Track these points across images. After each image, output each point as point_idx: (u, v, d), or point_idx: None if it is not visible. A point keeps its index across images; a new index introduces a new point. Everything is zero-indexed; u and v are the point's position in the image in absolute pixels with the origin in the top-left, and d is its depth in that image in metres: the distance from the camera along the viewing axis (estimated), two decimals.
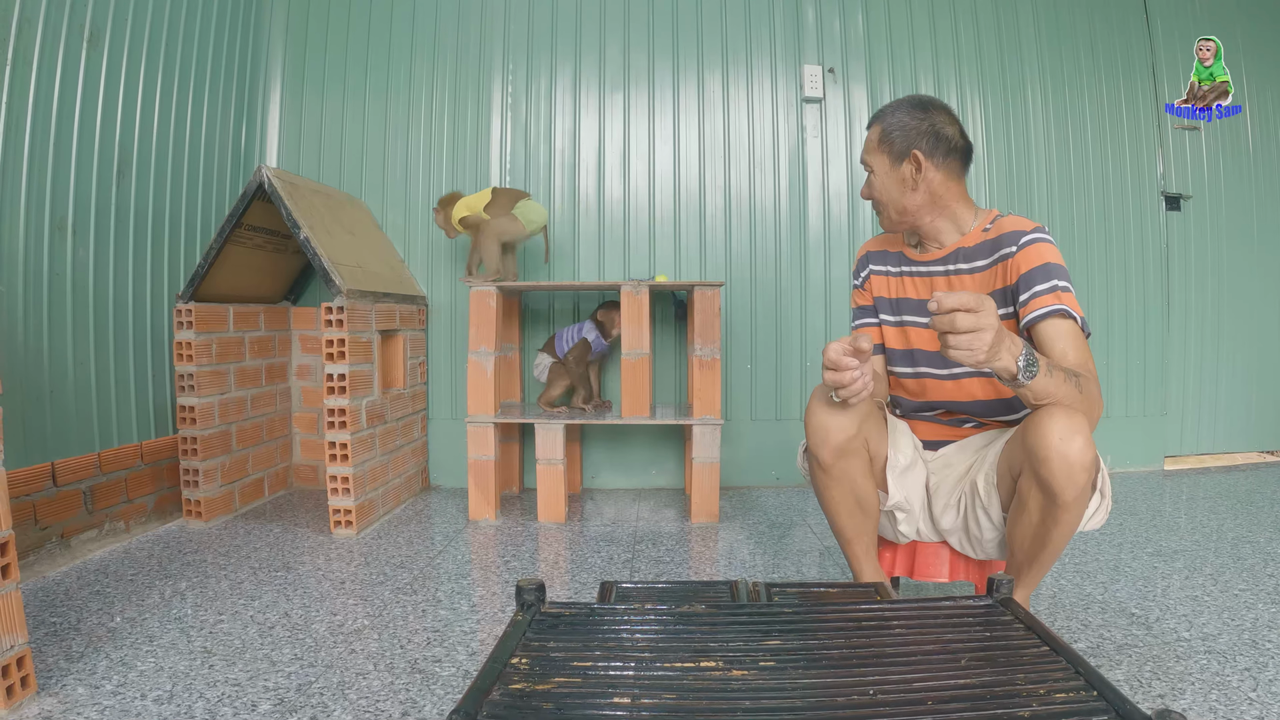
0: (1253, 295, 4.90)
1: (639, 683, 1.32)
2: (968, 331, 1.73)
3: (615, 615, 1.61)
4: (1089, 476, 1.91)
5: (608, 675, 1.35)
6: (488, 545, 3.33)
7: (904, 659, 1.42)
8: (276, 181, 3.39)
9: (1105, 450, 4.67)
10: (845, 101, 4.45)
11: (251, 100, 4.24)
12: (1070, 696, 1.24)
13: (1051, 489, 1.92)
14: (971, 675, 1.34)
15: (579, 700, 1.26)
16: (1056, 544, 2.05)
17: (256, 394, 3.91)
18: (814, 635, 1.52)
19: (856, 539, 2.36)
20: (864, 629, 1.56)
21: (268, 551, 3.19)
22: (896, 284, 2.44)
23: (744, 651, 1.44)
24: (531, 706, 1.23)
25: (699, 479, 3.68)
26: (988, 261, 2.24)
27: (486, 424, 3.68)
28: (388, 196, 4.36)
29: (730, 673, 1.36)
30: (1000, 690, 1.28)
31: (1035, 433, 1.92)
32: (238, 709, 1.89)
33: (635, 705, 1.24)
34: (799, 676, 1.34)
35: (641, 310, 3.66)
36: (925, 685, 1.31)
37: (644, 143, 4.41)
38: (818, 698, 1.27)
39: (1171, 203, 4.74)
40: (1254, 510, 3.80)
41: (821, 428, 2.18)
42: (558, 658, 1.41)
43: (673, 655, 1.42)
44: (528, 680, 1.32)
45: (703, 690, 1.30)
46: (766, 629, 1.54)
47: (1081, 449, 1.87)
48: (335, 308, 3.34)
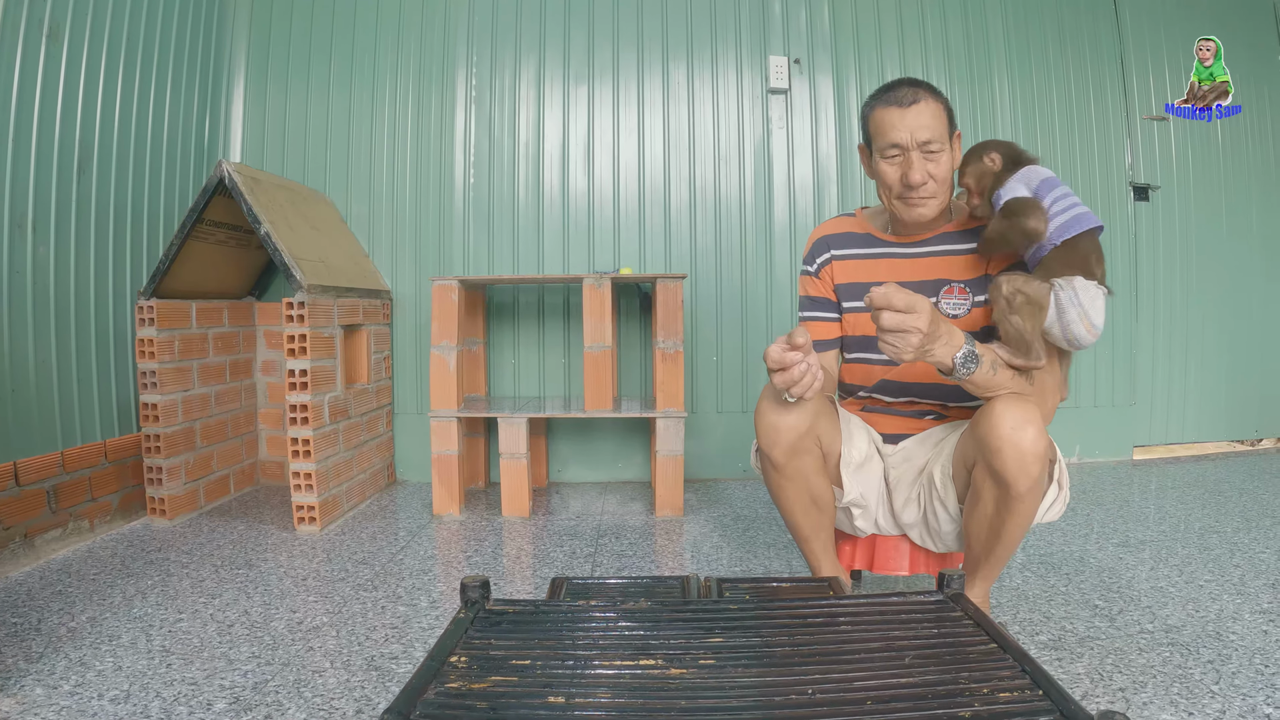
0: (1222, 285, 4.99)
1: (575, 682, 1.33)
2: (893, 330, 1.80)
3: (559, 613, 1.61)
4: (1042, 467, 1.93)
5: (545, 674, 1.35)
6: (451, 541, 3.38)
7: (847, 657, 1.42)
8: (237, 176, 3.42)
9: (1074, 440, 4.75)
10: (811, 93, 4.51)
11: (215, 94, 4.26)
12: (1014, 696, 1.25)
13: (1004, 480, 1.94)
14: (915, 673, 1.34)
15: (513, 700, 1.27)
16: (1012, 536, 2.07)
17: (220, 390, 3.95)
18: (758, 632, 1.52)
19: (813, 536, 2.36)
20: (810, 625, 1.56)
21: (230, 549, 3.22)
22: (869, 267, 2.40)
23: (685, 649, 1.44)
24: (465, 705, 1.24)
25: (663, 472, 3.75)
26: (971, 245, 2.28)
27: (449, 418, 3.73)
28: (352, 191, 4.40)
29: (669, 671, 1.36)
30: (943, 689, 1.28)
31: (987, 423, 1.94)
32: (193, 708, 1.91)
33: (568, 705, 1.24)
34: (739, 675, 1.34)
35: (604, 304, 3.72)
36: (866, 684, 1.31)
37: (608, 135, 4.47)
38: (755, 697, 1.27)
39: (1140, 193, 4.82)
40: (1222, 500, 3.86)
41: (772, 428, 2.16)
42: (497, 656, 1.41)
43: (613, 653, 1.43)
44: (464, 679, 1.32)
45: (639, 689, 1.30)
46: (710, 626, 1.54)
47: (1034, 439, 1.89)
48: (297, 303, 3.38)
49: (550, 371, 4.47)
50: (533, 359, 4.47)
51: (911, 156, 2.15)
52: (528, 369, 4.47)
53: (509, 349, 4.46)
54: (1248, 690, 1.97)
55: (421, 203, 4.41)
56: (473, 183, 4.40)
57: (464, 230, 4.41)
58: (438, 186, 4.40)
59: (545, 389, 4.48)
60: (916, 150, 2.15)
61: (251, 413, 4.23)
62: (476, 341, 4.28)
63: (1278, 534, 3.31)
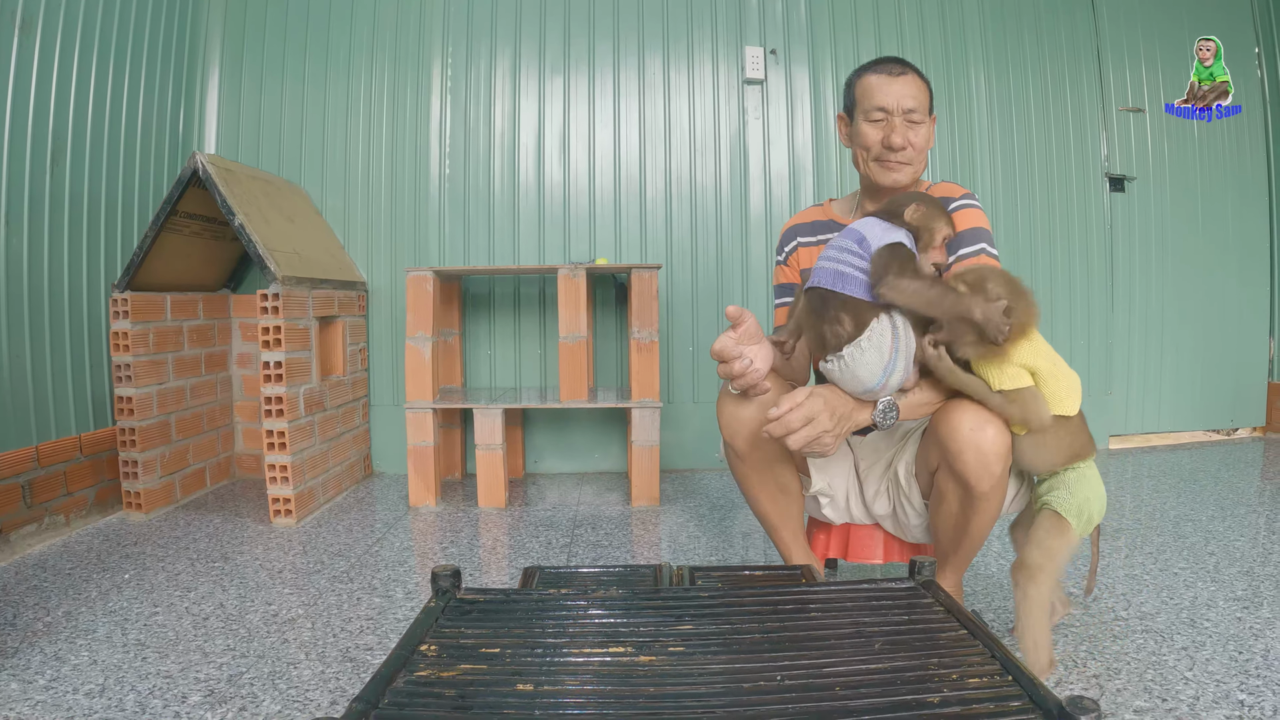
0: (1197, 276, 5.05)
1: (544, 669, 1.34)
2: (808, 444, 1.91)
3: (530, 601, 1.63)
4: (1004, 465, 1.95)
5: (514, 662, 1.37)
6: (427, 532, 3.41)
7: (817, 643, 1.43)
8: (211, 168, 3.43)
9: None
10: (787, 83, 4.55)
11: (190, 86, 4.27)
12: (984, 682, 1.26)
13: (966, 481, 1.96)
14: (884, 660, 1.36)
15: (482, 687, 1.29)
16: (978, 532, 2.10)
17: (196, 383, 3.96)
18: (728, 620, 1.54)
19: (782, 524, 2.39)
20: (780, 613, 1.58)
21: (206, 543, 3.23)
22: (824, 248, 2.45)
23: (654, 637, 1.46)
24: (434, 694, 1.26)
25: (639, 462, 3.79)
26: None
27: (425, 410, 3.77)
28: (327, 182, 4.42)
29: (638, 658, 1.38)
30: (912, 675, 1.30)
31: (946, 426, 1.97)
32: (168, 701, 1.93)
33: (536, 692, 1.26)
34: (707, 662, 1.36)
35: (579, 293, 3.76)
36: (835, 670, 1.33)
37: (584, 125, 4.51)
38: (723, 683, 1.29)
39: (1115, 184, 4.87)
40: (1197, 489, 3.91)
41: (733, 418, 2.20)
42: (467, 644, 1.43)
43: (583, 641, 1.45)
44: (434, 668, 1.34)
45: (607, 676, 1.32)
46: (680, 614, 1.56)
47: (994, 438, 1.91)
48: (271, 294, 3.41)
49: (526, 363, 4.51)
50: (509, 350, 4.50)
51: (894, 120, 2.24)
52: (504, 360, 4.51)
53: (485, 340, 4.50)
54: (1222, 677, 1.98)
55: (397, 194, 4.43)
56: (448, 174, 4.42)
57: (439, 221, 4.44)
58: (413, 178, 4.43)
59: (521, 380, 4.52)
60: (900, 116, 2.24)
61: (227, 406, 4.25)
62: (452, 333, 4.31)
63: (1252, 522, 3.35)
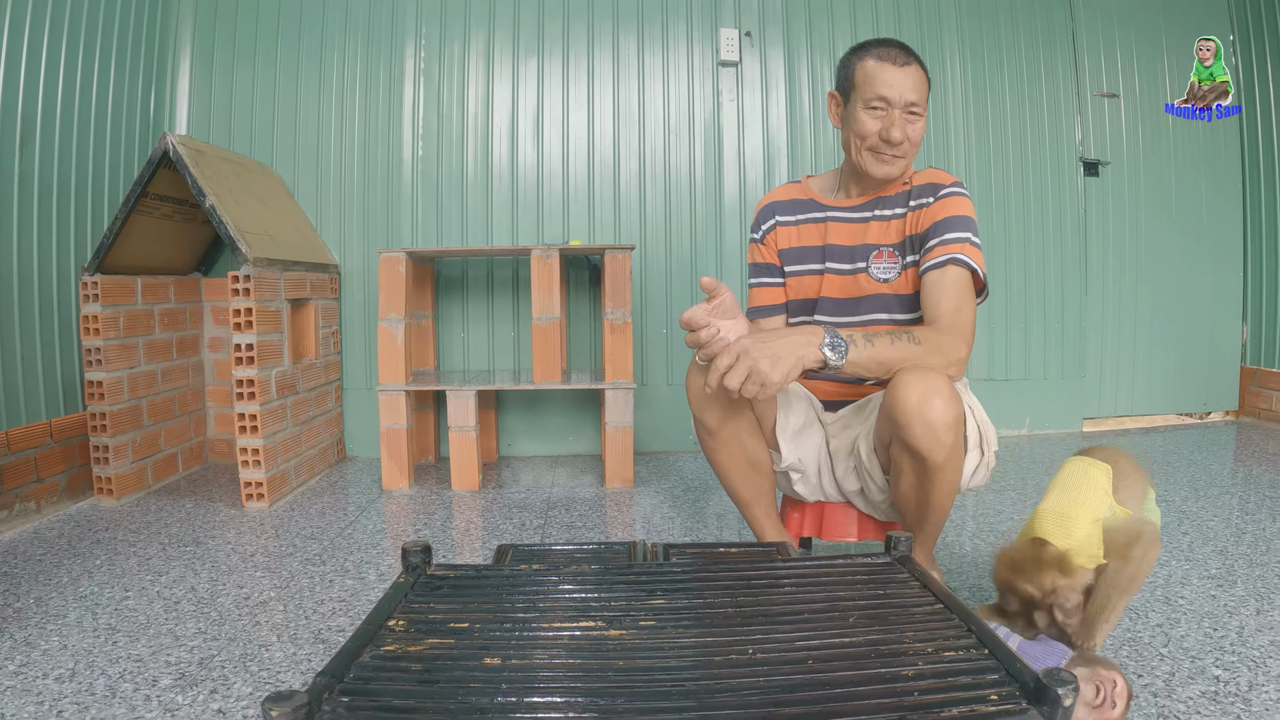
0: (1171, 260, 5.11)
1: (513, 644, 1.34)
2: (747, 379, 1.88)
3: (500, 577, 1.63)
4: (955, 434, 1.96)
5: (483, 637, 1.37)
6: (400, 514, 3.42)
7: (790, 617, 1.43)
8: (182, 149, 3.42)
9: (1024, 412, 4.83)
10: (762, 66, 4.57)
11: (160, 68, 4.24)
12: (959, 655, 1.26)
13: (919, 453, 1.98)
14: (859, 633, 1.36)
15: (449, 662, 1.28)
16: (940, 503, 2.12)
17: (167, 367, 3.95)
18: (700, 595, 1.54)
19: (754, 501, 2.41)
20: (753, 588, 1.58)
21: (178, 527, 3.22)
22: (811, 231, 2.45)
23: (626, 611, 1.46)
24: (400, 668, 1.26)
25: (612, 443, 3.81)
26: (903, 210, 2.33)
27: (398, 392, 3.78)
28: (299, 165, 4.41)
29: (608, 632, 1.38)
30: (886, 648, 1.30)
31: (893, 399, 1.98)
32: (138, 684, 1.93)
33: (504, 665, 1.26)
34: (679, 635, 1.36)
35: (552, 275, 3.78)
36: (808, 644, 1.32)
37: (558, 107, 4.51)
38: (694, 656, 1.28)
39: (1090, 168, 4.91)
40: (1171, 470, 3.96)
41: (702, 393, 2.21)
42: (436, 620, 1.43)
43: (553, 616, 1.44)
44: (401, 642, 1.34)
45: (576, 650, 1.31)
46: (652, 588, 1.56)
47: (942, 409, 1.92)
48: (242, 276, 3.40)
49: (500, 345, 4.52)
50: (482, 333, 4.51)
51: (895, 114, 2.20)
52: (477, 343, 4.51)
53: (458, 323, 4.50)
54: (1197, 653, 2.01)
55: (369, 177, 4.42)
56: (421, 155, 4.42)
57: (412, 204, 4.44)
58: (386, 160, 4.42)
59: (495, 362, 4.53)
60: (901, 109, 2.21)
61: (199, 390, 4.23)
62: (425, 315, 4.32)
63: (1225, 503, 3.40)
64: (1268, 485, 3.63)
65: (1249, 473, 3.90)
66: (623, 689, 1.19)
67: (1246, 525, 3.06)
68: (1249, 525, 3.06)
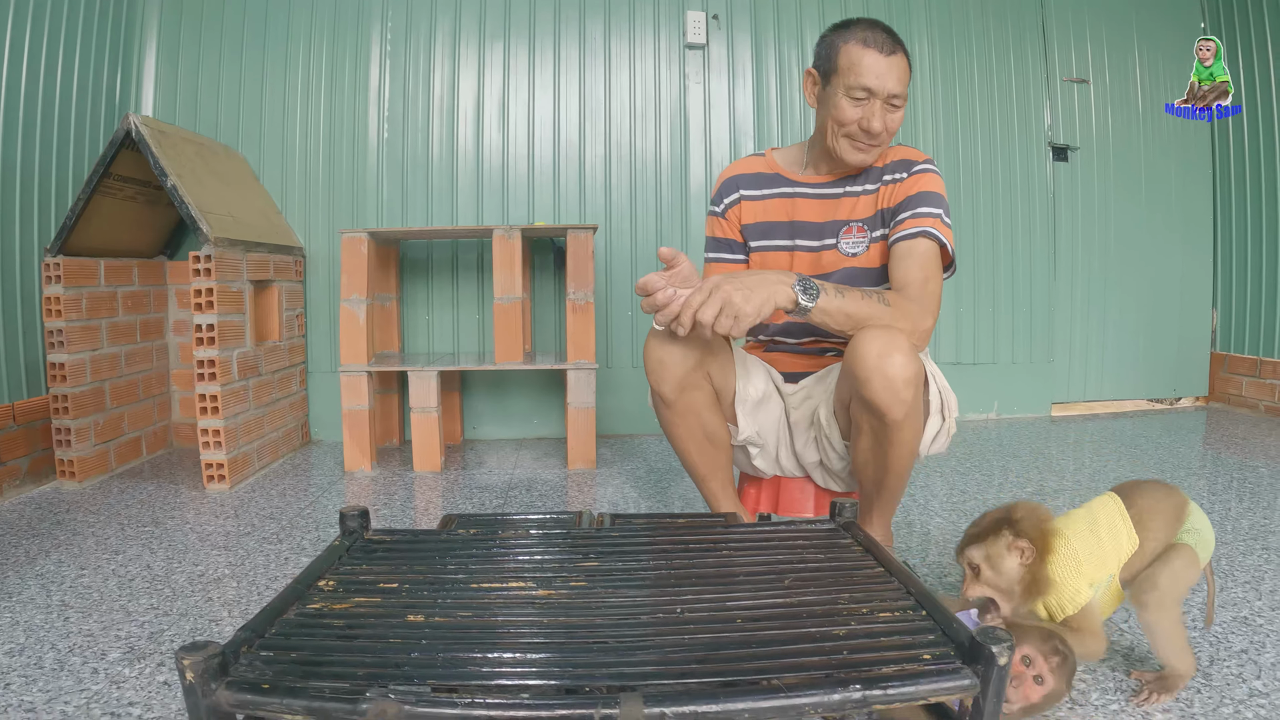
0: (1141, 246, 5.13)
1: (439, 602, 1.36)
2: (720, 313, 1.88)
3: (437, 541, 1.65)
4: (913, 392, 1.96)
5: (410, 596, 1.39)
6: (360, 495, 3.43)
7: (725, 580, 1.46)
8: (144, 129, 3.40)
9: (992, 397, 4.86)
10: (729, 49, 4.58)
11: (127, 49, 4.23)
12: (895, 615, 1.28)
13: (878, 409, 1.97)
14: (793, 594, 1.38)
15: (372, 619, 1.30)
16: (898, 467, 2.11)
17: (131, 350, 3.93)
18: (636, 558, 1.55)
19: (711, 475, 2.40)
20: (690, 552, 1.59)
21: (139, 508, 3.22)
22: (778, 207, 2.44)
23: (559, 573, 1.48)
24: (322, 625, 1.28)
25: (575, 424, 3.82)
26: (875, 185, 2.33)
27: (359, 373, 3.79)
28: (265, 148, 4.40)
29: (536, 592, 1.39)
30: (820, 609, 1.32)
31: (854, 355, 1.97)
32: (87, 658, 1.93)
33: (426, 623, 1.28)
34: (607, 595, 1.38)
35: (514, 255, 3.78)
36: (740, 604, 1.34)
37: (524, 89, 4.52)
38: (620, 615, 1.30)
39: (1059, 153, 4.93)
40: (1138, 453, 3.99)
41: (659, 363, 2.18)
42: (366, 580, 1.45)
43: (483, 577, 1.46)
44: (327, 601, 1.36)
45: (502, 608, 1.33)
46: (588, 552, 1.58)
47: (902, 364, 1.92)
48: (203, 256, 3.39)
49: (465, 328, 4.53)
50: (447, 316, 4.52)
51: (876, 105, 2.18)
52: (442, 326, 4.52)
53: (423, 306, 4.52)
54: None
55: (334, 160, 4.43)
56: (386, 139, 4.42)
57: (377, 187, 4.44)
58: (351, 143, 4.43)
59: (460, 345, 4.54)
60: (884, 100, 2.18)
61: (164, 374, 4.22)
62: (389, 298, 4.32)
63: (1191, 484, 3.41)
64: (1235, 468, 3.65)
65: (1217, 456, 3.92)
66: (540, 644, 1.21)
67: (1213, 506, 3.07)
68: (1215, 505, 3.07)
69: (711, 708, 1.01)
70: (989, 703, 1.09)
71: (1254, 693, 1.70)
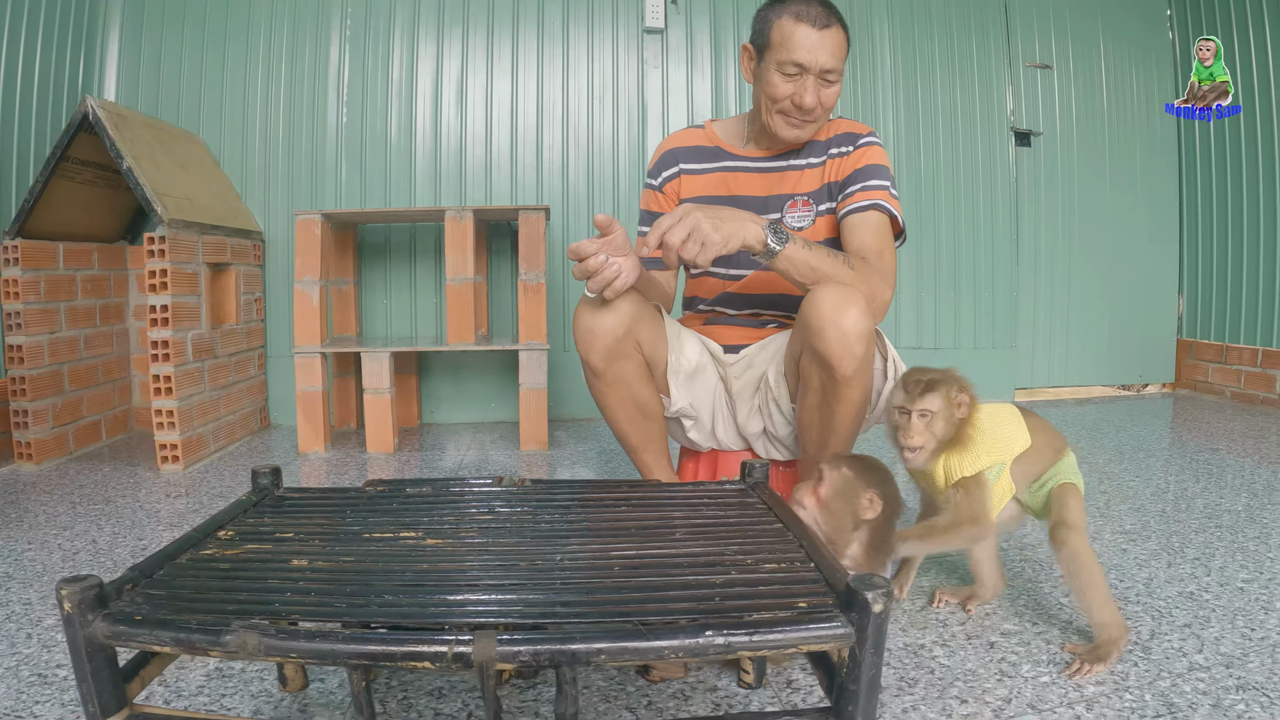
0: (1105, 232, 5.18)
1: (326, 549, 1.39)
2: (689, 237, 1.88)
3: (344, 497, 1.68)
4: (864, 348, 1.95)
5: (301, 544, 1.42)
6: (312, 476, 3.47)
7: (614, 533, 1.47)
8: (101, 111, 3.43)
9: None
10: (687, 33, 4.62)
11: (90, 35, 4.24)
12: (781, 567, 1.29)
13: (829, 362, 1.96)
14: (680, 546, 1.39)
15: (257, 563, 1.33)
16: (844, 427, 2.09)
17: (90, 334, 3.95)
18: (533, 512, 1.57)
19: (644, 446, 2.39)
20: (588, 507, 1.62)
21: (92, 488, 3.25)
22: (717, 181, 2.43)
23: (454, 525, 1.50)
24: (209, 568, 1.31)
25: (527, 405, 3.86)
26: (820, 159, 2.35)
27: (313, 354, 3.82)
28: (225, 132, 4.43)
29: (425, 542, 1.42)
30: (704, 560, 1.33)
31: (809, 306, 1.98)
32: (22, 624, 1.96)
33: (309, 567, 1.31)
34: (493, 545, 1.40)
35: (466, 236, 3.82)
36: (623, 554, 1.36)
37: (482, 73, 4.55)
38: (499, 564, 1.32)
39: (1021, 139, 4.95)
40: (1098, 437, 4.03)
41: (588, 331, 2.17)
42: (265, 531, 1.49)
43: (378, 528, 1.49)
44: (220, 547, 1.40)
45: (386, 556, 1.35)
46: (487, 507, 1.60)
47: (856, 319, 1.92)
48: (158, 238, 3.41)
49: (423, 312, 4.57)
50: (405, 300, 4.56)
51: (809, 80, 2.17)
52: (400, 310, 4.56)
53: (381, 290, 4.55)
54: None
55: (294, 144, 4.46)
56: (345, 122, 4.45)
57: (336, 170, 4.47)
58: (310, 127, 4.46)
59: (417, 329, 4.58)
60: (816, 75, 2.17)
61: (124, 358, 4.24)
62: (346, 282, 4.36)
63: (1149, 465, 3.45)
64: (1195, 450, 3.69)
65: (1178, 439, 3.96)
66: (412, 587, 1.24)
67: (1169, 485, 3.11)
68: (1171, 485, 3.11)
69: (566, 647, 1.03)
70: (867, 653, 1.06)
71: (1194, 666, 1.70)
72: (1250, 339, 4.80)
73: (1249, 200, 4.78)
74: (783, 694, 1.59)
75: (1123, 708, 1.53)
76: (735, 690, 1.60)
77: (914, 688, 1.61)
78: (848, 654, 1.08)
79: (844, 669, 1.09)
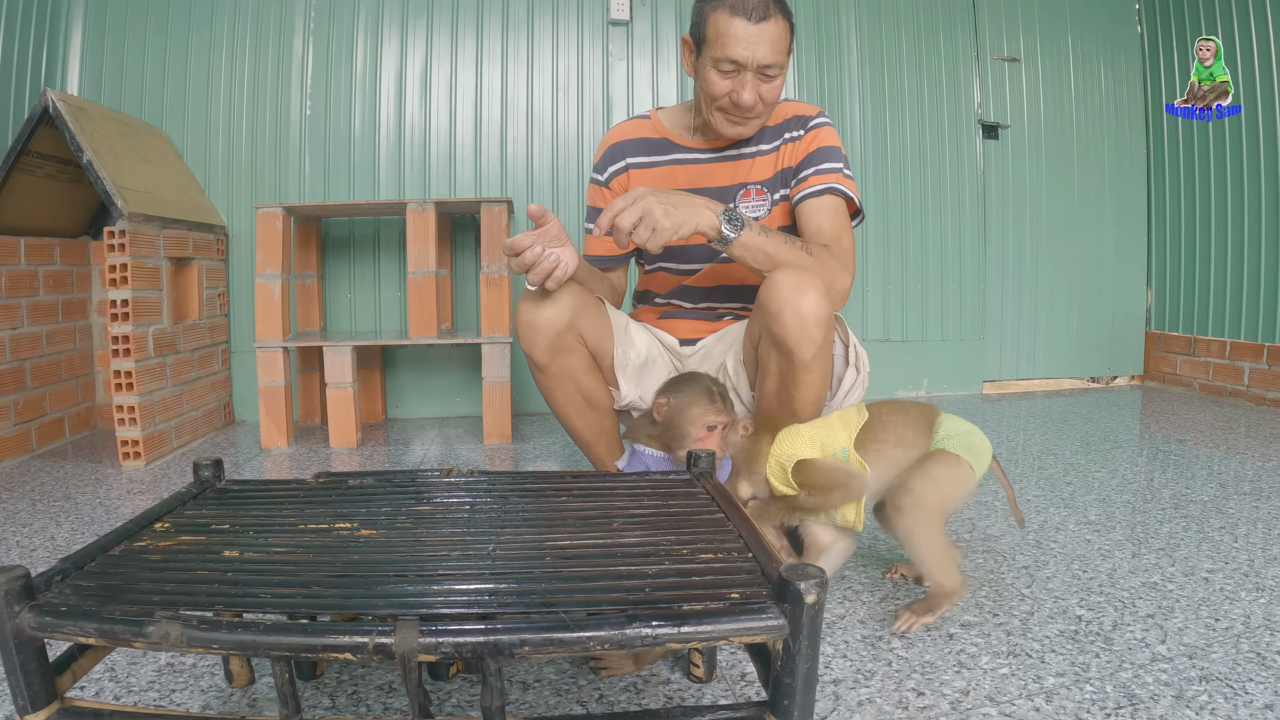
0: (1074, 224, 5.23)
1: (259, 540, 1.39)
2: (641, 221, 1.88)
3: (285, 490, 1.69)
4: (823, 332, 1.94)
5: (235, 535, 1.42)
6: (274, 471, 3.48)
7: (552, 522, 1.48)
8: (61, 104, 3.43)
9: (922, 373, 4.93)
10: (653, 25, 4.65)
11: (53, 27, 4.24)
12: (717, 557, 1.29)
13: (787, 345, 1.95)
14: (616, 536, 1.40)
15: (189, 554, 1.34)
16: (802, 415, 2.05)
17: (53, 330, 3.94)
18: (470, 503, 1.58)
19: (595, 440, 2.41)
20: (528, 496, 1.63)
21: (53, 485, 3.25)
22: (667, 175, 2.41)
23: (390, 515, 1.51)
24: (140, 560, 1.32)
25: (489, 399, 3.89)
26: (772, 145, 2.34)
27: (275, 349, 3.83)
28: (188, 126, 4.43)
29: (359, 532, 1.43)
30: (639, 550, 1.33)
31: (768, 290, 1.97)
32: None
33: (240, 558, 1.32)
34: (426, 535, 1.41)
35: (428, 229, 3.84)
36: (555, 544, 1.36)
37: (446, 66, 4.55)
38: (430, 553, 1.33)
39: (989, 131, 4.98)
40: (1065, 429, 4.06)
41: (529, 326, 2.15)
42: (201, 522, 1.49)
43: (314, 518, 1.50)
44: (154, 539, 1.40)
45: (318, 547, 1.36)
46: (425, 498, 1.61)
47: (815, 303, 1.91)
48: (118, 231, 3.42)
49: (387, 306, 4.58)
50: (369, 294, 4.57)
51: (747, 77, 2.12)
52: (364, 304, 4.57)
53: (345, 284, 4.56)
54: (1061, 593, 2.03)
55: (257, 137, 4.46)
56: (309, 115, 4.46)
57: (300, 163, 4.48)
58: (274, 120, 4.46)
59: (381, 324, 4.59)
60: (755, 71, 2.12)
61: (88, 355, 4.23)
62: (310, 276, 4.36)
63: (1116, 456, 3.47)
64: (1162, 442, 3.72)
65: (1146, 431, 4.00)
66: (339, 578, 1.25)
67: (1136, 476, 3.13)
68: (1138, 476, 3.13)
69: (489, 639, 1.03)
70: (801, 646, 1.05)
71: (1156, 657, 1.70)
72: (1219, 331, 4.85)
73: (1217, 193, 4.83)
74: (736, 687, 1.60)
75: (1083, 699, 1.54)
76: (688, 684, 1.61)
77: (871, 680, 1.61)
78: (781, 647, 1.07)
79: (778, 661, 1.08)
